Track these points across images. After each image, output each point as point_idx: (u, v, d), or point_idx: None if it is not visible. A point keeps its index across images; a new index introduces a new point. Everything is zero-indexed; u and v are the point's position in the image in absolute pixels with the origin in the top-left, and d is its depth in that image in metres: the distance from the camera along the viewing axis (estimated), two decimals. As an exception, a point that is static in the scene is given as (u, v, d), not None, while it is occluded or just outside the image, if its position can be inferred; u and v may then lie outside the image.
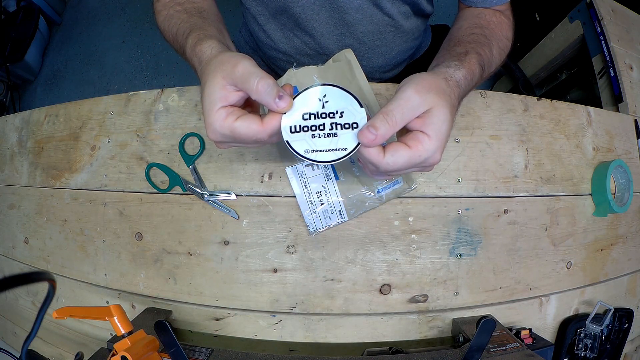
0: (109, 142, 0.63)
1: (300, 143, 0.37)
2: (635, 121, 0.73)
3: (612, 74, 0.81)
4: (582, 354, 0.63)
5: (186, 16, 0.48)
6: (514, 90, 1.39)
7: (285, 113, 0.36)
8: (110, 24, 1.98)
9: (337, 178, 0.54)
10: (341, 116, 0.36)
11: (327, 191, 0.54)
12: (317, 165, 0.54)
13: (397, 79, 0.77)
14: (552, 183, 0.62)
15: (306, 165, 0.54)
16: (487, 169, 0.59)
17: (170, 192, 0.59)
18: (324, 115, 0.36)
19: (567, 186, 0.63)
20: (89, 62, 1.95)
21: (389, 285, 0.56)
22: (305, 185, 0.54)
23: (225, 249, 0.57)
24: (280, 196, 0.57)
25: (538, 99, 0.63)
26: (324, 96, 0.37)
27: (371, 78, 0.72)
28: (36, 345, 0.67)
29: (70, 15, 2.07)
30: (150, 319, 0.55)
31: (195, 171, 0.58)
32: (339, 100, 0.36)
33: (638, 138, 0.72)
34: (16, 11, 1.86)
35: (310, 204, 0.54)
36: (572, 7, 0.98)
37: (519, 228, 0.59)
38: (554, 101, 0.64)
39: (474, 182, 0.58)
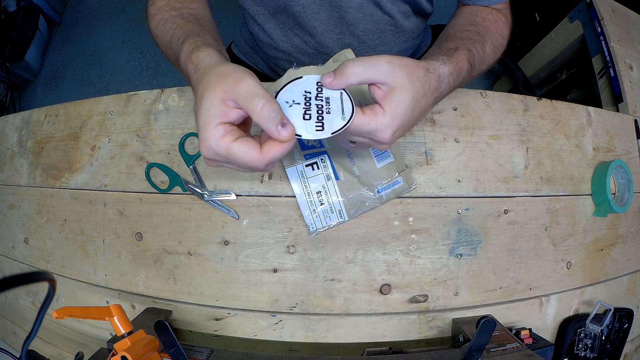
0: (109, 142, 0.63)
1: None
2: (635, 121, 0.73)
3: (612, 74, 0.81)
4: (582, 354, 0.63)
5: (182, 21, 0.46)
6: (514, 90, 1.39)
7: (287, 141, 0.33)
8: (110, 24, 1.98)
9: (337, 178, 0.54)
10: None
11: (327, 191, 0.54)
12: (316, 164, 0.54)
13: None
14: (552, 183, 0.62)
15: (306, 165, 0.54)
16: (487, 169, 0.59)
17: (170, 192, 0.59)
18: (313, 101, 0.37)
19: (567, 186, 0.63)
20: (89, 62, 1.95)
21: (389, 285, 0.56)
22: (305, 185, 0.54)
23: (225, 249, 0.57)
24: (280, 196, 0.57)
25: (538, 99, 0.63)
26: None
27: None
28: (36, 345, 0.67)
29: (70, 15, 2.07)
30: (150, 319, 0.55)
31: (195, 171, 0.58)
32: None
33: (638, 138, 0.72)
34: (16, 11, 1.86)
35: (310, 204, 0.54)
36: (572, 7, 0.98)
37: (519, 228, 0.59)
38: (554, 101, 0.64)
39: (474, 182, 0.58)
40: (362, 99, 0.56)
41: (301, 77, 0.39)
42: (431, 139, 0.58)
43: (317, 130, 0.36)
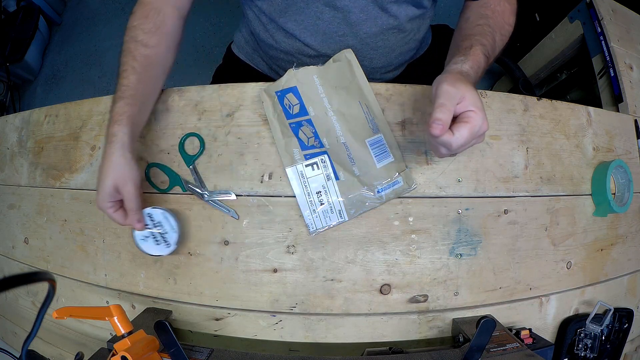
0: (109, 142, 0.63)
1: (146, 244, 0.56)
2: (635, 121, 0.73)
3: (612, 74, 0.81)
4: (582, 354, 0.63)
5: (130, 67, 0.54)
6: (514, 90, 1.39)
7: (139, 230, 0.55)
8: (110, 24, 1.98)
9: (337, 178, 0.54)
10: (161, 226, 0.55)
11: (327, 191, 0.54)
12: (316, 164, 0.54)
13: (398, 79, 0.77)
14: (552, 183, 0.62)
15: (306, 165, 0.54)
16: (487, 169, 0.59)
17: (170, 192, 0.59)
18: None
19: (567, 186, 0.63)
20: (89, 62, 1.95)
21: (389, 285, 0.56)
22: (305, 185, 0.54)
23: (225, 249, 0.57)
24: (280, 196, 0.57)
25: (538, 99, 0.63)
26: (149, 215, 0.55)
27: (372, 78, 0.72)
28: (36, 345, 0.67)
29: (70, 15, 2.06)
30: (150, 319, 0.55)
31: (195, 171, 0.58)
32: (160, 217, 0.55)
33: (638, 138, 0.72)
34: (16, 11, 1.86)
35: (310, 204, 0.54)
36: (572, 7, 0.98)
37: (519, 228, 0.59)
38: (554, 101, 0.64)
39: (474, 182, 0.58)
40: (363, 98, 0.56)
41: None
42: (431, 139, 0.58)
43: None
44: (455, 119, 0.44)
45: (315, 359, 0.55)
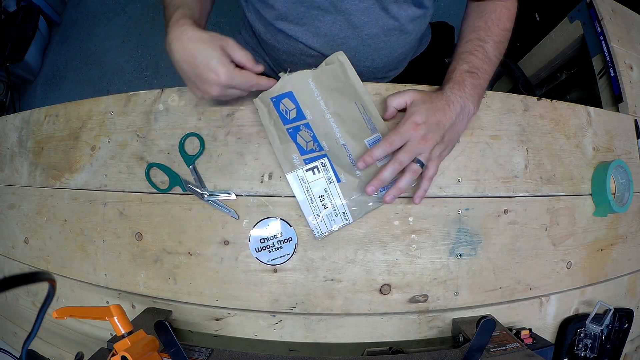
0: (109, 142, 0.63)
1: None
2: (635, 121, 0.73)
3: (612, 74, 0.81)
4: (582, 354, 0.63)
5: None
6: (514, 90, 1.39)
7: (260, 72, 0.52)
8: (110, 24, 1.98)
9: (338, 180, 0.54)
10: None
11: (330, 194, 0.54)
12: (317, 168, 0.54)
13: (400, 77, 0.77)
14: (552, 183, 0.62)
15: (307, 170, 0.54)
16: (487, 169, 0.59)
17: (170, 192, 0.59)
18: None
19: (567, 186, 0.63)
20: (89, 62, 1.95)
21: (389, 285, 0.56)
22: (308, 190, 0.54)
23: (225, 249, 0.57)
24: (280, 196, 0.57)
25: (538, 99, 0.63)
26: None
27: (373, 78, 0.72)
28: (36, 345, 0.67)
29: (70, 15, 2.06)
30: (150, 319, 0.55)
31: (195, 171, 0.58)
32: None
33: (638, 138, 0.72)
34: (16, 11, 1.86)
35: (314, 209, 0.54)
36: (572, 7, 0.98)
37: (519, 228, 0.59)
38: (554, 101, 0.64)
39: (474, 182, 0.58)
40: (358, 99, 0.56)
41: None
42: (431, 139, 0.58)
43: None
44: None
45: (315, 359, 0.55)
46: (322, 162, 0.54)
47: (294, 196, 0.56)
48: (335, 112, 0.56)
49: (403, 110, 0.55)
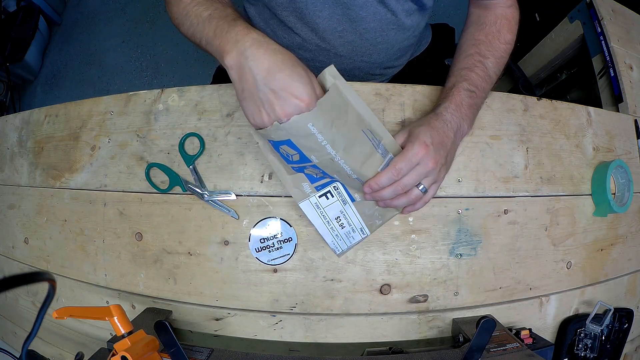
0: (109, 142, 0.63)
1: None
2: (635, 121, 0.73)
3: (612, 74, 0.81)
4: (582, 354, 0.63)
5: (213, 7, 0.48)
6: (514, 90, 1.39)
7: None
8: (110, 24, 1.98)
9: (352, 200, 0.52)
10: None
11: (346, 214, 0.52)
12: (330, 193, 0.52)
13: (398, 77, 0.77)
14: (552, 183, 0.62)
15: (319, 196, 0.52)
16: (487, 169, 0.59)
17: (170, 192, 0.59)
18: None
19: (567, 186, 0.63)
20: (89, 62, 1.95)
21: (389, 285, 0.56)
22: (323, 215, 0.52)
23: (225, 249, 0.57)
24: (280, 196, 0.57)
25: (538, 99, 0.63)
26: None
27: (371, 74, 0.72)
28: (36, 345, 0.67)
29: (70, 15, 2.06)
30: (150, 319, 0.55)
31: (195, 171, 0.58)
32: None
33: (638, 138, 0.72)
34: (16, 11, 1.86)
35: (331, 230, 0.53)
36: (572, 7, 0.98)
37: (519, 228, 0.59)
38: (554, 101, 0.64)
39: (474, 182, 0.58)
40: (361, 123, 0.49)
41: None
42: (431, 139, 0.58)
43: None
44: None
45: (315, 359, 0.55)
46: (334, 187, 0.52)
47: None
48: (344, 152, 0.47)
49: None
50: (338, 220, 0.52)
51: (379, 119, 0.49)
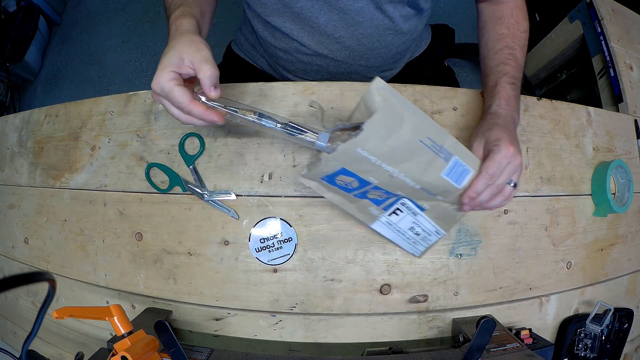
0: (109, 142, 0.63)
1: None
2: (635, 121, 0.73)
3: (612, 74, 0.81)
4: (582, 354, 0.63)
5: None
6: (514, 90, 1.39)
7: (214, 99, 0.45)
8: (110, 24, 1.98)
9: (422, 209, 0.51)
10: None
11: (419, 223, 0.53)
12: (399, 209, 0.51)
13: (399, 78, 0.77)
14: (552, 183, 0.62)
15: (389, 215, 0.52)
16: (487, 169, 0.59)
17: (170, 192, 0.59)
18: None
19: (567, 186, 0.63)
20: (89, 62, 1.95)
21: (389, 285, 0.56)
22: (397, 230, 0.53)
23: (225, 249, 0.57)
24: (280, 196, 0.57)
25: (538, 99, 0.63)
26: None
27: (369, 77, 0.72)
28: (36, 345, 0.67)
29: (70, 15, 2.06)
30: (150, 319, 0.55)
31: (195, 171, 0.58)
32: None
33: (638, 138, 0.72)
34: (16, 11, 1.86)
35: (407, 240, 0.54)
36: (572, 7, 0.98)
37: (519, 228, 0.59)
38: (554, 101, 0.64)
39: (474, 182, 0.58)
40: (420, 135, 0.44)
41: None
42: (431, 139, 0.58)
43: None
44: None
45: (315, 359, 0.55)
46: (402, 203, 0.51)
47: (294, 196, 0.56)
48: (402, 166, 0.45)
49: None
50: (412, 230, 0.53)
51: (437, 123, 0.44)
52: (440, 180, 0.46)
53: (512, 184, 0.49)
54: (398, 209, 0.51)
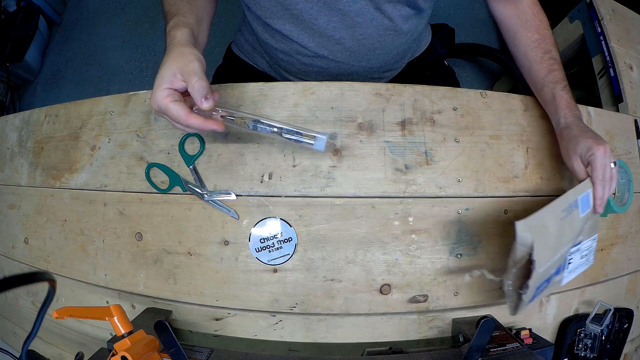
0: (109, 142, 0.63)
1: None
2: (635, 121, 0.73)
3: (612, 74, 0.81)
4: (582, 354, 0.63)
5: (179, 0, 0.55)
6: (514, 90, 1.39)
7: (207, 110, 0.46)
8: (110, 24, 1.98)
9: (579, 242, 0.55)
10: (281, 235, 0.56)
11: (583, 249, 0.56)
12: (571, 258, 0.55)
13: (399, 78, 0.77)
14: (552, 183, 0.62)
15: (568, 269, 0.56)
16: (487, 169, 0.59)
17: (170, 192, 0.59)
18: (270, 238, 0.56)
19: (567, 186, 0.63)
20: (89, 62, 1.95)
21: (389, 285, 0.56)
22: (577, 267, 0.57)
23: (225, 249, 0.57)
24: (280, 196, 0.57)
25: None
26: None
27: (370, 78, 0.72)
28: (36, 345, 0.67)
29: (70, 15, 2.06)
30: (150, 319, 0.55)
31: (195, 171, 0.58)
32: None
33: (638, 138, 0.72)
34: (16, 11, 1.86)
35: (583, 264, 0.58)
36: (572, 7, 0.98)
37: (519, 228, 0.59)
38: (554, 101, 0.64)
39: (474, 182, 0.58)
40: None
41: None
42: (431, 139, 0.58)
43: None
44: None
45: (315, 359, 0.55)
46: (569, 254, 0.55)
47: (294, 196, 0.56)
48: (564, 245, 0.53)
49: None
50: (582, 256, 0.57)
51: (561, 196, 0.51)
52: (582, 220, 0.54)
53: (613, 165, 0.53)
54: (571, 259, 0.56)
